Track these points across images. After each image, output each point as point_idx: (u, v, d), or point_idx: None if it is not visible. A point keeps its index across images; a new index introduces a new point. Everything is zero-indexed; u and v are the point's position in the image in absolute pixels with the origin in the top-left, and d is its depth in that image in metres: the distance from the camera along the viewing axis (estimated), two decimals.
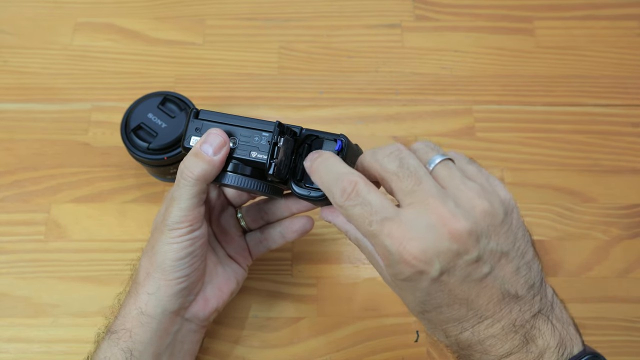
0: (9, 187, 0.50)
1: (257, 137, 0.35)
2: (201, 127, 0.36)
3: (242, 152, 0.35)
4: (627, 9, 0.60)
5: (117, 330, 0.36)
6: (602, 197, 0.51)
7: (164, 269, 0.36)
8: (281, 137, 0.34)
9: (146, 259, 0.37)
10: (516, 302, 0.29)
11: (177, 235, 0.36)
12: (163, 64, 0.56)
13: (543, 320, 0.29)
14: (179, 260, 0.36)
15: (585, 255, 0.49)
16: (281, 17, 0.59)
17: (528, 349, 0.29)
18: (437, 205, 0.28)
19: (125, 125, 0.45)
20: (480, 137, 0.53)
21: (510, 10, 0.60)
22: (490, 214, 0.28)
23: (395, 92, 0.55)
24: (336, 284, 0.47)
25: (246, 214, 0.43)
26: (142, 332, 0.36)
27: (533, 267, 0.30)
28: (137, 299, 0.37)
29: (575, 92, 0.56)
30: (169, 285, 0.36)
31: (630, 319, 0.46)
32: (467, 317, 0.29)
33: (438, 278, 0.28)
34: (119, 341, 0.36)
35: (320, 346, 0.45)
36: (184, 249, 0.36)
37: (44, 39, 0.57)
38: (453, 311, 0.29)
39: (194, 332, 0.40)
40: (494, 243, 0.28)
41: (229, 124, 0.35)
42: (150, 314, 0.36)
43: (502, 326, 0.29)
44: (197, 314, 0.39)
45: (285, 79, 0.56)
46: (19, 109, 0.54)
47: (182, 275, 0.36)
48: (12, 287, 0.46)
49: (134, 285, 0.38)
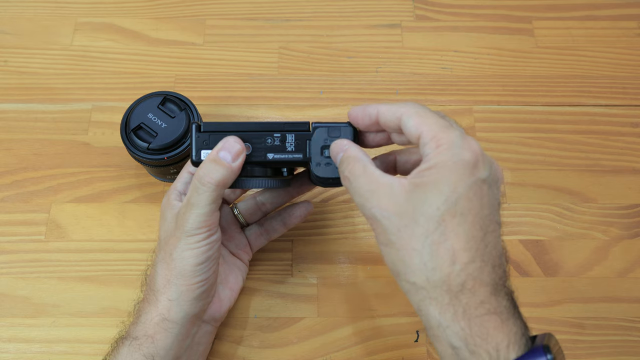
0: (9, 187, 0.50)
1: (270, 139, 0.36)
2: (208, 139, 0.36)
3: (257, 155, 0.36)
4: (627, 9, 0.60)
5: (138, 336, 0.36)
6: (602, 197, 0.51)
7: (185, 275, 0.37)
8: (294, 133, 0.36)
9: (163, 266, 0.37)
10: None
11: (197, 241, 0.36)
12: (163, 64, 0.56)
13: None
14: (199, 265, 0.37)
15: (585, 255, 0.49)
16: (281, 17, 0.59)
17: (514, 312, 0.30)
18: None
19: (125, 125, 0.45)
20: (480, 137, 0.53)
21: (510, 11, 0.60)
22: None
23: (395, 92, 0.55)
24: (336, 284, 0.47)
25: (243, 210, 0.44)
26: (164, 338, 0.36)
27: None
28: (158, 305, 0.37)
29: (575, 92, 0.56)
30: (191, 289, 0.37)
31: (630, 319, 0.46)
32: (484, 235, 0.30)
33: (484, 179, 0.30)
34: (141, 347, 0.36)
35: (320, 346, 0.45)
36: (204, 254, 0.37)
37: (45, 39, 0.57)
38: (475, 227, 0.29)
39: (209, 333, 0.42)
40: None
41: (236, 131, 0.36)
42: (172, 319, 0.37)
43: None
44: (214, 315, 0.41)
45: (285, 79, 0.56)
46: (19, 109, 0.54)
47: (203, 279, 0.37)
48: (12, 287, 0.46)
49: (150, 293, 0.38)
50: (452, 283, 0.29)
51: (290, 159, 0.37)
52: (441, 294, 0.29)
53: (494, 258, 0.30)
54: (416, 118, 0.31)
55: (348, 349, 0.45)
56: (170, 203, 0.39)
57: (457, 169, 0.29)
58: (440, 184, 0.29)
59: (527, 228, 0.49)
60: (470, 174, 0.29)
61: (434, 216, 0.29)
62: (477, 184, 0.30)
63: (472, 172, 0.29)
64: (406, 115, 0.32)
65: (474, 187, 0.29)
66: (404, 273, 0.30)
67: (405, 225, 0.30)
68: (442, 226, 0.29)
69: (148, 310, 0.37)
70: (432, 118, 0.31)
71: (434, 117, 0.31)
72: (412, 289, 0.30)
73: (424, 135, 0.31)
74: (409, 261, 0.30)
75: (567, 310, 0.47)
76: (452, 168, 0.29)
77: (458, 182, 0.29)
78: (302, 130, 0.37)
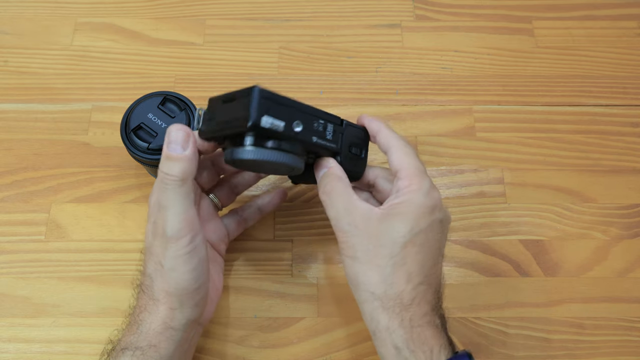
0: (9, 187, 0.50)
1: (316, 124, 0.37)
2: (270, 107, 0.33)
3: (305, 135, 0.36)
4: (627, 9, 0.60)
5: (142, 347, 0.36)
6: (602, 197, 0.51)
7: (183, 284, 0.35)
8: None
9: (158, 278, 0.36)
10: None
11: (183, 246, 0.35)
12: (163, 64, 0.56)
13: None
14: (193, 270, 0.35)
15: (585, 255, 0.49)
16: (281, 17, 0.59)
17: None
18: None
19: (126, 125, 0.45)
20: (480, 137, 0.53)
21: (510, 10, 0.60)
22: None
23: (395, 92, 0.55)
24: (336, 284, 0.47)
25: (219, 194, 0.44)
26: (167, 346, 0.36)
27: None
28: (159, 315, 0.36)
29: (575, 92, 0.56)
30: (191, 297, 0.36)
31: (630, 319, 0.46)
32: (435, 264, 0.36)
33: (441, 220, 0.37)
34: (144, 356, 0.35)
35: (320, 346, 0.45)
36: (194, 257, 0.35)
37: (45, 39, 0.57)
38: (428, 257, 0.36)
39: (199, 334, 0.41)
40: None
41: (294, 107, 0.35)
42: (175, 327, 0.36)
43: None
44: (207, 315, 0.41)
45: (285, 79, 0.56)
46: (19, 109, 0.54)
47: (200, 284, 0.36)
48: (12, 287, 0.46)
49: (150, 302, 0.36)
50: (404, 297, 0.34)
51: (327, 146, 0.38)
52: (394, 305, 0.34)
53: (436, 284, 0.36)
54: (401, 155, 0.38)
55: (348, 349, 0.45)
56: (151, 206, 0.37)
57: (421, 208, 0.36)
58: (407, 217, 0.35)
59: (527, 228, 0.49)
60: (430, 214, 0.36)
61: (399, 242, 0.35)
62: (435, 222, 0.36)
63: (432, 213, 0.36)
64: (395, 148, 0.38)
65: (433, 225, 0.36)
66: (365, 284, 0.35)
67: (373, 245, 0.35)
68: (404, 251, 0.35)
69: (150, 320, 0.36)
70: (413, 160, 0.37)
71: (415, 160, 0.37)
72: (369, 298, 0.35)
73: (401, 172, 0.37)
74: (371, 275, 0.35)
75: (567, 310, 0.47)
76: (418, 206, 0.36)
77: (421, 218, 0.35)
78: (337, 123, 0.39)
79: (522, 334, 0.46)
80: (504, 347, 0.45)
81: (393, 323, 0.34)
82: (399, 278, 0.35)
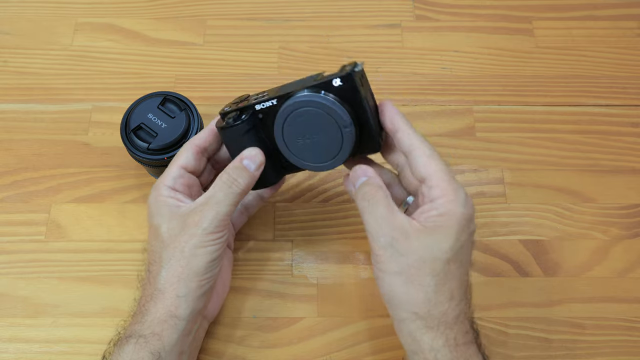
0: (9, 187, 0.50)
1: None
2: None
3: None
4: (627, 9, 0.60)
5: (145, 334, 0.36)
6: (602, 197, 0.51)
7: (197, 272, 0.37)
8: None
9: (173, 263, 0.37)
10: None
11: (213, 239, 0.37)
12: (163, 64, 0.56)
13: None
14: (212, 262, 0.38)
15: (585, 255, 0.49)
16: (281, 17, 0.59)
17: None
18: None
19: (125, 125, 0.45)
20: (480, 137, 0.53)
21: (510, 11, 0.60)
22: None
23: (395, 92, 0.55)
24: (336, 284, 0.47)
25: None
26: (170, 334, 0.37)
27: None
28: (165, 302, 0.37)
29: (575, 92, 0.56)
30: (200, 285, 0.37)
31: (630, 319, 0.46)
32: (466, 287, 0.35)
33: (474, 231, 0.36)
34: (147, 344, 0.36)
35: (320, 346, 0.45)
36: (217, 251, 0.38)
37: (45, 39, 0.57)
38: (464, 272, 0.35)
39: (204, 329, 0.42)
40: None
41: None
42: (180, 315, 0.37)
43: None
44: (212, 310, 0.42)
45: (285, 79, 0.55)
46: (19, 109, 0.54)
47: (212, 275, 0.38)
48: (12, 287, 0.46)
49: (155, 291, 0.37)
50: (449, 316, 0.34)
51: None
52: (438, 324, 0.33)
53: (469, 296, 0.36)
54: (426, 160, 0.35)
55: (348, 349, 0.45)
56: (165, 201, 0.39)
57: (462, 221, 0.34)
58: (448, 232, 0.34)
59: (527, 228, 0.49)
60: (468, 227, 0.35)
61: (442, 259, 0.33)
62: (472, 235, 0.35)
63: (469, 225, 0.35)
64: (419, 150, 0.36)
65: (470, 238, 0.35)
66: (406, 303, 0.34)
67: (414, 260, 0.34)
68: (446, 268, 0.34)
69: (154, 309, 0.37)
70: (442, 165, 0.35)
71: (443, 165, 0.36)
72: (411, 317, 0.34)
73: (432, 179, 0.35)
74: (413, 294, 0.34)
75: (567, 310, 0.47)
76: (459, 220, 0.34)
77: (461, 232, 0.34)
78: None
79: (522, 334, 0.46)
80: (504, 347, 0.45)
81: (437, 343, 0.33)
82: (442, 296, 0.33)
